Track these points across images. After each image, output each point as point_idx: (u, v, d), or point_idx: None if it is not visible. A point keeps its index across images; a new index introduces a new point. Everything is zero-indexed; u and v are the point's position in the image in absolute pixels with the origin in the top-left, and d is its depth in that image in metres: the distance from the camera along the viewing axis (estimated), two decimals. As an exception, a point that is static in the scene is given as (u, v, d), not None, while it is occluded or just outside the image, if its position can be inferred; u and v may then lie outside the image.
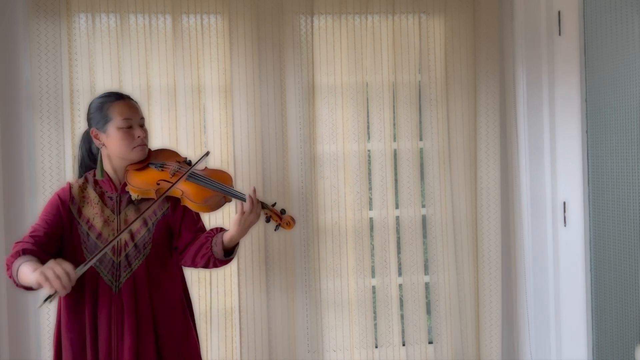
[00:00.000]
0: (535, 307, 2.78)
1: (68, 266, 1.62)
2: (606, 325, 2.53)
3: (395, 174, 2.77)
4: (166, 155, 2.03)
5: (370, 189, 2.76)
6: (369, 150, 2.75)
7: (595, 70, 2.53)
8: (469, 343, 2.81)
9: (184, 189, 1.89)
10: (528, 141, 2.76)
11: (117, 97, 1.92)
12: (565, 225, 2.66)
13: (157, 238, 1.93)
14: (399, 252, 2.79)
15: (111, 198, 1.93)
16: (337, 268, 2.72)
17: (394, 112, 2.77)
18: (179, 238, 1.97)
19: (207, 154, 2.03)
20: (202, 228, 2.02)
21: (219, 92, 2.64)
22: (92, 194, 1.93)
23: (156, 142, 2.60)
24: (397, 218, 2.78)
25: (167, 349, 1.93)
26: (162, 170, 1.94)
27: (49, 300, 1.64)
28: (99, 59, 2.54)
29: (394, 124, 2.77)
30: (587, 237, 2.60)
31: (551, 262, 2.71)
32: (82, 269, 1.71)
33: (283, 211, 1.90)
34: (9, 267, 1.77)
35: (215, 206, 1.89)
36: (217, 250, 1.87)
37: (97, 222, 1.89)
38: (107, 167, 1.95)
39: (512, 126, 2.84)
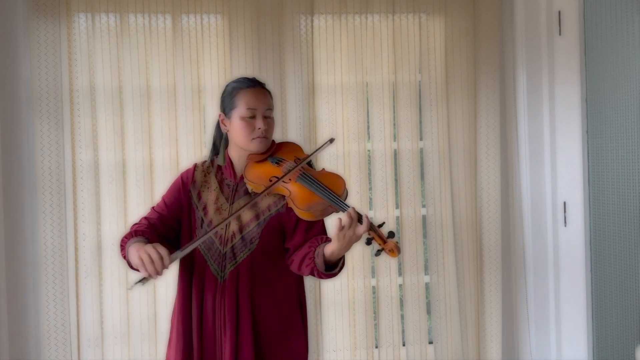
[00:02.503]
0: (535, 307, 2.78)
1: (163, 250, 1.61)
2: (606, 325, 2.52)
3: (396, 174, 2.77)
4: (288, 149, 1.91)
5: (370, 189, 2.76)
6: (369, 150, 2.75)
7: (595, 70, 2.53)
8: (469, 343, 2.81)
9: (291, 190, 1.76)
10: (528, 141, 2.76)
11: (248, 85, 1.85)
12: (565, 225, 2.66)
13: (266, 234, 1.85)
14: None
15: (229, 185, 1.89)
16: (337, 268, 2.71)
17: (394, 112, 2.76)
18: (291, 239, 1.87)
19: (332, 140, 1.84)
20: (318, 233, 1.86)
21: (219, 92, 2.62)
22: (213, 180, 1.90)
23: (157, 141, 2.59)
24: (397, 218, 2.78)
25: (265, 347, 1.85)
26: (277, 165, 1.83)
27: (141, 282, 1.63)
28: (99, 58, 2.54)
29: (394, 124, 2.77)
30: (587, 237, 2.60)
31: (551, 262, 2.71)
32: (179, 254, 1.68)
33: (391, 234, 1.67)
34: (123, 247, 1.77)
35: (319, 214, 1.74)
36: (319, 263, 1.75)
37: (211, 209, 1.86)
38: (232, 153, 1.89)
39: (512, 126, 2.83)
